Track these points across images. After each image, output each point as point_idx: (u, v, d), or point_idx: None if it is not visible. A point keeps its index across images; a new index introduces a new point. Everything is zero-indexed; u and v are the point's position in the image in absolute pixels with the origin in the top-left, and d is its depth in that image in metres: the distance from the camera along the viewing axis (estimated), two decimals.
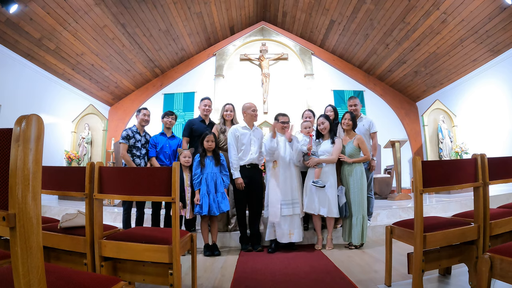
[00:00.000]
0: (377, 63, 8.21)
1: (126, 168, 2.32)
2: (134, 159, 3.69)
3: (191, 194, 3.28)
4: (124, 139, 3.70)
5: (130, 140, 3.72)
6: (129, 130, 3.77)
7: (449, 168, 2.06)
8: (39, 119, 0.84)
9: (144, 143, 3.83)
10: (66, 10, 5.26)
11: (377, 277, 2.37)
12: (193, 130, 3.84)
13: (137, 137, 3.76)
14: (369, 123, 3.93)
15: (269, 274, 2.51)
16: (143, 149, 3.78)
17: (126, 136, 3.71)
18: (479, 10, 5.21)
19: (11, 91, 5.41)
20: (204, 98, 4.06)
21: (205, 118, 3.96)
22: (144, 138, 3.85)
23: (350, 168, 3.41)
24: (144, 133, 3.89)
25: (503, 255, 1.37)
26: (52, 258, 2.02)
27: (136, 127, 3.82)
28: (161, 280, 1.80)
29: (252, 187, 3.46)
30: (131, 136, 3.72)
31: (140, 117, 3.83)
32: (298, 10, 7.97)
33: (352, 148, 3.41)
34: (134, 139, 3.74)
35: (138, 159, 3.73)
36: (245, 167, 3.46)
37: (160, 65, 8.41)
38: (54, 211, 4.80)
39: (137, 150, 3.73)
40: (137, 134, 3.78)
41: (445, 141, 6.92)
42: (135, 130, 3.79)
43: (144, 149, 3.80)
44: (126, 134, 3.72)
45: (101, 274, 1.67)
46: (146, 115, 3.84)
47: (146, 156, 3.83)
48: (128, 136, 3.71)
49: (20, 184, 0.79)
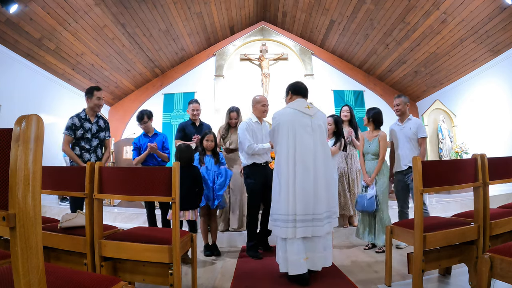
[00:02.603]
0: (377, 63, 8.21)
1: (126, 168, 2.30)
2: (82, 153, 3.05)
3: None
4: (68, 129, 3.01)
5: (77, 132, 3.04)
6: (75, 118, 3.05)
7: (449, 168, 2.06)
8: (39, 119, 0.84)
9: (97, 131, 3.15)
10: (66, 10, 5.25)
11: (377, 277, 2.37)
12: (186, 133, 3.80)
13: (87, 125, 3.07)
14: (417, 126, 3.31)
15: (269, 274, 2.51)
16: (94, 139, 3.11)
17: (70, 127, 3.01)
18: (479, 10, 5.21)
19: (11, 91, 5.41)
20: (192, 102, 3.92)
21: (195, 121, 3.90)
22: (97, 126, 3.16)
23: (373, 166, 3.28)
24: (97, 118, 3.18)
25: (503, 255, 1.37)
26: (52, 258, 2.02)
27: (85, 113, 3.11)
28: (161, 280, 1.81)
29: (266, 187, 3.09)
30: (77, 125, 3.04)
31: (94, 102, 3.09)
32: (298, 10, 7.97)
33: (377, 146, 3.28)
34: (82, 129, 3.05)
35: (88, 154, 3.07)
36: (261, 165, 3.18)
37: (160, 65, 8.41)
38: (54, 211, 4.80)
39: (86, 142, 3.06)
40: (87, 122, 3.08)
41: (445, 141, 6.92)
42: (83, 117, 3.09)
43: (96, 140, 3.13)
44: (72, 123, 3.01)
45: (101, 274, 1.67)
46: (100, 98, 3.12)
47: (100, 149, 3.25)
48: (74, 126, 3.03)
49: (20, 184, 0.79)
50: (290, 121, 2.40)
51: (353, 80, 8.82)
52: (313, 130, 2.40)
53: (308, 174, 2.32)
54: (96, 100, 3.05)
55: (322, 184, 2.34)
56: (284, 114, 2.47)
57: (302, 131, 2.37)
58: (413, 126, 3.30)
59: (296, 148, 2.35)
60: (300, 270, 2.23)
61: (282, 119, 2.45)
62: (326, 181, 2.39)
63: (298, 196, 2.28)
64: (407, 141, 3.29)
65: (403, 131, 3.35)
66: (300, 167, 2.33)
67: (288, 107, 2.51)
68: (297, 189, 2.29)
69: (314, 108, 2.53)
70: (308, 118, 2.42)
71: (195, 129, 3.83)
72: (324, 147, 2.45)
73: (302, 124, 2.39)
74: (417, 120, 3.40)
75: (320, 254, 2.31)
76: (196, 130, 3.82)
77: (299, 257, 2.25)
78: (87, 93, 3.08)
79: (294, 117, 2.41)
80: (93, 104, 3.06)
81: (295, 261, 2.25)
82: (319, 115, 2.51)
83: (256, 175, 3.17)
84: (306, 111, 2.44)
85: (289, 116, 2.43)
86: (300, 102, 2.51)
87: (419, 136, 3.27)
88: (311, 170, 2.33)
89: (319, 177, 2.34)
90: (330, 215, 2.41)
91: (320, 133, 2.43)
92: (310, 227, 2.27)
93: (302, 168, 2.33)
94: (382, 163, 3.24)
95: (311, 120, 2.42)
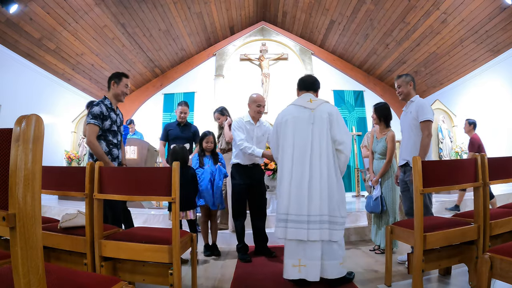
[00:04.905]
0: (377, 63, 8.22)
1: (126, 168, 2.30)
2: (111, 149, 2.53)
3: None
4: (96, 118, 2.41)
5: (105, 122, 2.48)
6: (102, 105, 2.48)
7: (449, 168, 2.06)
8: (39, 119, 0.84)
9: (120, 124, 2.71)
10: (66, 10, 5.26)
11: (377, 277, 2.37)
12: (169, 134, 3.82)
13: (113, 116, 2.57)
14: (417, 108, 2.59)
15: (269, 274, 2.51)
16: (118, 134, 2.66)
17: (99, 115, 2.42)
18: (479, 10, 5.21)
19: (11, 91, 5.41)
20: (181, 103, 3.85)
21: (181, 123, 3.87)
22: (120, 118, 2.71)
23: (379, 166, 3.13)
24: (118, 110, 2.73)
25: (503, 255, 1.37)
26: (52, 258, 2.01)
27: (109, 102, 2.57)
28: (161, 280, 1.80)
29: (254, 189, 3.12)
30: (105, 114, 2.48)
31: (121, 88, 2.60)
32: (298, 10, 7.97)
33: (385, 146, 3.10)
34: (110, 120, 2.51)
35: (116, 150, 2.59)
36: (246, 166, 3.11)
37: (160, 65, 8.41)
38: (54, 211, 4.79)
39: (114, 136, 2.56)
40: (112, 112, 2.57)
41: (445, 141, 6.91)
42: (109, 105, 2.55)
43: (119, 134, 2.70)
44: (100, 111, 2.43)
45: (101, 274, 1.67)
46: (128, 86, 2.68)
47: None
48: (103, 115, 2.46)
49: (20, 184, 0.79)
50: (289, 118, 2.31)
51: (353, 80, 8.83)
52: (313, 123, 2.23)
53: (302, 170, 2.17)
54: (124, 87, 2.61)
55: (318, 182, 2.13)
56: (284, 113, 2.40)
57: (300, 126, 2.26)
58: (414, 109, 2.62)
59: (295, 143, 2.24)
60: (291, 276, 2.11)
61: (281, 117, 2.39)
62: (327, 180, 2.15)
63: (292, 194, 2.15)
64: (410, 129, 2.66)
65: (406, 118, 2.73)
66: (296, 163, 2.20)
67: (291, 104, 2.44)
68: (292, 186, 2.16)
69: (319, 100, 2.34)
70: (308, 111, 2.27)
71: (180, 130, 3.83)
72: (327, 141, 2.21)
73: (300, 119, 2.27)
74: (420, 100, 2.65)
75: (316, 262, 2.07)
76: (181, 132, 3.83)
77: (291, 261, 2.12)
78: (113, 78, 2.60)
79: (294, 113, 2.32)
80: (120, 91, 2.59)
81: (286, 264, 2.14)
82: (323, 107, 2.29)
83: (239, 175, 3.10)
84: (307, 104, 2.31)
85: (288, 114, 2.34)
86: (303, 97, 2.40)
87: (419, 119, 2.55)
88: (306, 165, 2.16)
89: (314, 174, 2.15)
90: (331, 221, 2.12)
91: (321, 126, 2.22)
92: (304, 230, 2.08)
93: (298, 164, 2.19)
94: (389, 165, 3.04)
95: (311, 113, 2.26)
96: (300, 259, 2.10)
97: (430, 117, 2.52)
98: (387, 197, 3.04)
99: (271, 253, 3.08)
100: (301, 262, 2.10)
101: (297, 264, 2.10)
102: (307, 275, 2.08)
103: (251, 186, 3.10)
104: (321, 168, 2.17)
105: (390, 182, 3.06)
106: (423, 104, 2.59)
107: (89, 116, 2.42)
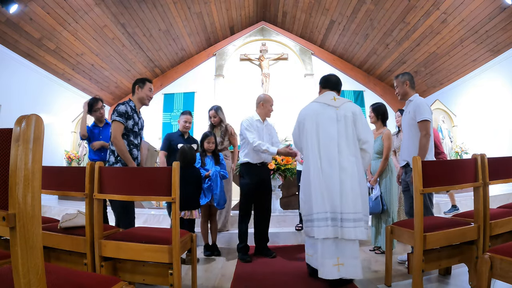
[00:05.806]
0: (377, 63, 8.21)
1: (126, 168, 2.30)
2: (131, 149, 2.57)
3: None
4: (122, 116, 2.48)
5: (129, 121, 2.55)
6: (127, 105, 2.56)
7: (449, 168, 2.06)
8: (39, 119, 0.84)
9: (141, 128, 2.77)
10: (66, 10, 5.26)
11: (377, 277, 2.37)
12: (171, 144, 3.61)
13: (136, 118, 2.63)
14: (414, 108, 2.56)
15: (269, 274, 2.51)
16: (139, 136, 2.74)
17: (124, 114, 2.50)
18: (479, 10, 5.21)
19: (11, 91, 5.41)
20: (185, 113, 3.71)
21: (184, 133, 3.68)
22: (141, 123, 2.77)
23: (376, 165, 3.13)
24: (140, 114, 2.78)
25: (503, 255, 1.37)
26: (52, 258, 2.02)
27: (134, 104, 2.64)
28: (161, 280, 1.81)
29: (261, 188, 3.14)
30: (130, 114, 2.56)
31: (146, 92, 2.66)
32: (298, 10, 7.97)
33: (381, 144, 3.11)
34: (132, 120, 2.58)
35: (136, 150, 2.63)
36: (256, 165, 3.12)
37: (160, 65, 8.41)
38: (54, 211, 4.79)
39: (134, 137, 2.61)
40: (136, 114, 2.64)
41: (445, 141, 6.92)
42: (133, 107, 2.62)
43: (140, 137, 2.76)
44: (125, 110, 2.51)
45: (101, 274, 1.67)
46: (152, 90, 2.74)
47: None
48: (127, 114, 2.53)
49: (20, 184, 0.79)
50: (313, 115, 2.32)
51: (353, 80, 8.83)
52: (337, 121, 2.26)
53: (332, 167, 2.17)
54: (148, 91, 2.67)
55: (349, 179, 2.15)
56: (307, 109, 2.41)
57: (326, 123, 2.27)
58: (412, 109, 2.59)
59: (320, 141, 2.25)
60: (329, 275, 2.06)
61: (304, 113, 2.39)
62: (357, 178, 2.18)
63: (325, 192, 2.15)
64: (409, 129, 2.64)
65: (405, 118, 2.72)
66: (325, 160, 2.20)
67: (313, 101, 2.45)
68: (324, 185, 2.16)
69: (342, 99, 2.39)
70: (333, 109, 2.30)
71: (184, 141, 3.61)
72: (353, 139, 2.26)
73: (325, 116, 2.29)
74: (417, 100, 2.61)
75: (355, 261, 2.11)
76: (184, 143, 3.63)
77: (330, 261, 2.09)
78: (138, 82, 2.69)
79: (318, 110, 2.33)
80: (144, 95, 2.66)
81: (325, 264, 2.09)
82: (347, 106, 2.34)
83: (249, 174, 3.11)
84: (331, 102, 2.33)
85: (312, 110, 2.35)
86: (326, 95, 2.43)
87: (417, 119, 2.51)
88: (336, 162, 2.18)
89: (345, 172, 2.16)
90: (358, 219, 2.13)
91: (346, 124, 2.26)
92: (339, 227, 2.10)
93: (326, 161, 2.19)
94: (386, 163, 3.08)
95: (336, 111, 2.29)
96: (339, 257, 2.10)
97: (427, 117, 2.49)
98: (385, 196, 3.05)
99: (271, 254, 3.08)
100: (339, 261, 2.10)
101: (336, 263, 2.09)
102: (347, 273, 2.08)
103: (259, 186, 3.12)
104: (351, 166, 2.19)
105: (388, 180, 3.08)
106: (420, 103, 2.55)
107: (114, 113, 2.50)
